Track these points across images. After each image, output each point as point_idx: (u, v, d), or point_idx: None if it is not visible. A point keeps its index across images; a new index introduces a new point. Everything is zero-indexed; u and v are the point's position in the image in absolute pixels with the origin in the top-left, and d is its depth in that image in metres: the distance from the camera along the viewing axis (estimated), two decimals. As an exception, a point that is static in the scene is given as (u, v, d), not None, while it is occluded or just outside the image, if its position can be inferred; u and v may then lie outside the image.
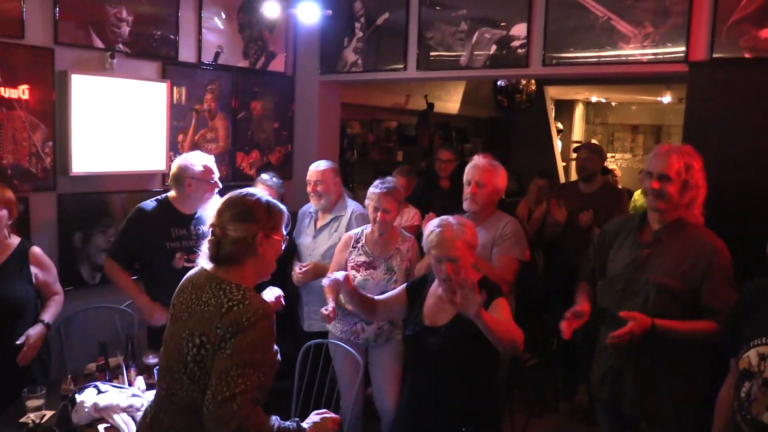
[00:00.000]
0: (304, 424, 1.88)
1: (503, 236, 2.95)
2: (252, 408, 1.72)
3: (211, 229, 1.87)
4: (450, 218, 2.43)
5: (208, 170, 3.10)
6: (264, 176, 3.79)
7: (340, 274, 2.51)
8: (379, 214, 3.10)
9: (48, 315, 2.89)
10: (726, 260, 2.31)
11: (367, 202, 3.19)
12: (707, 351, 2.32)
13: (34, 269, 2.88)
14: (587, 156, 4.31)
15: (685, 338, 2.27)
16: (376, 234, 3.16)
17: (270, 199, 1.93)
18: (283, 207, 1.96)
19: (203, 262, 1.91)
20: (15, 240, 2.87)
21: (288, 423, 1.84)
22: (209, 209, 3.09)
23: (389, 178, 3.27)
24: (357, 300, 2.57)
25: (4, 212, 2.76)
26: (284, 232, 1.96)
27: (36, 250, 2.94)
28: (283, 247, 1.96)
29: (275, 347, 1.89)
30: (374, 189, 3.14)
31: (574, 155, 4.57)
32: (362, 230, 3.28)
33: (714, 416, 2.04)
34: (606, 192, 4.31)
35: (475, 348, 2.30)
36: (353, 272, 3.18)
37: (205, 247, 1.90)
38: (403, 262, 3.15)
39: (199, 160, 3.10)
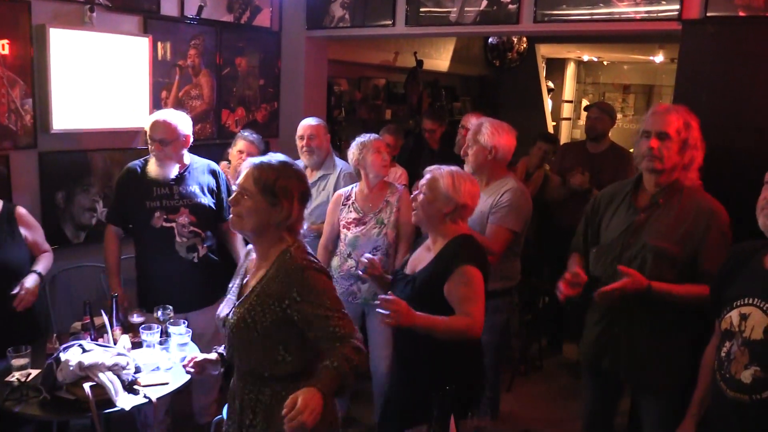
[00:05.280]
0: None
1: (499, 204, 2.85)
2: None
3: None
4: (455, 167, 2.42)
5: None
6: (244, 132, 3.77)
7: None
8: (377, 156, 3.12)
9: (40, 266, 2.81)
10: (724, 224, 2.23)
11: (357, 153, 3.16)
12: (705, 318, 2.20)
13: (23, 230, 2.79)
14: (598, 115, 4.25)
15: (682, 302, 2.19)
16: (373, 180, 3.16)
17: None
18: None
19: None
20: None
21: None
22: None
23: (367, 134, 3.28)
24: (382, 283, 2.55)
25: None
26: None
27: (21, 210, 2.84)
28: None
29: None
30: (363, 138, 3.18)
31: (584, 114, 4.49)
32: (352, 188, 3.26)
33: (698, 377, 2.05)
34: (613, 153, 4.23)
35: (443, 301, 2.23)
36: (344, 230, 3.17)
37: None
38: (393, 213, 3.15)
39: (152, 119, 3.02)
